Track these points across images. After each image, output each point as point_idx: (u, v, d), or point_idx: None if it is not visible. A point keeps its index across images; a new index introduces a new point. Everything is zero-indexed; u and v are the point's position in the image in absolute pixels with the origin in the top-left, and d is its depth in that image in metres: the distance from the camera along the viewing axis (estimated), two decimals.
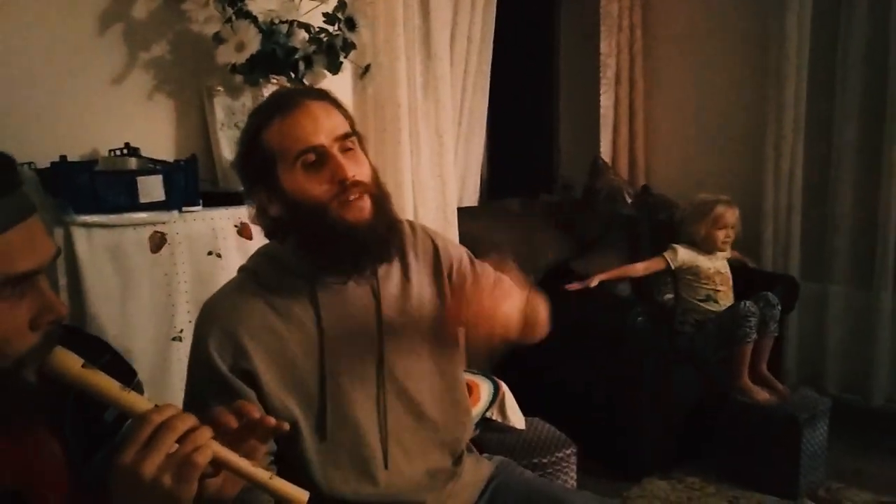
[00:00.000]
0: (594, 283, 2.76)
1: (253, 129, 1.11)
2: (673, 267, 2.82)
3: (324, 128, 1.07)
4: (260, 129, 1.09)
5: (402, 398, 1.18)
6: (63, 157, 1.57)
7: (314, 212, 1.06)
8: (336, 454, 1.12)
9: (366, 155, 1.14)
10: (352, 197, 1.07)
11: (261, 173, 1.09)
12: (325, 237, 1.07)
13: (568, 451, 2.13)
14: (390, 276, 1.20)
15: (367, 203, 1.08)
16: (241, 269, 1.19)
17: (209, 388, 1.05)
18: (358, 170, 1.08)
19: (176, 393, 1.63)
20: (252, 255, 1.21)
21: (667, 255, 2.83)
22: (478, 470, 1.31)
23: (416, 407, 1.19)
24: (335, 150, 1.07)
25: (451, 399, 1.25)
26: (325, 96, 1.13)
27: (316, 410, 1.11)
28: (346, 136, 1.09)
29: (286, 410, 1.08)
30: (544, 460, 2.08)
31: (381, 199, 1.11)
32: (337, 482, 1.12)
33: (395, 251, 1.18)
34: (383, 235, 1.11)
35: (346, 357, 1.14)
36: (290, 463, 1.10)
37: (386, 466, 1.15)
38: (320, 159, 1.07)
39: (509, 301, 1.08)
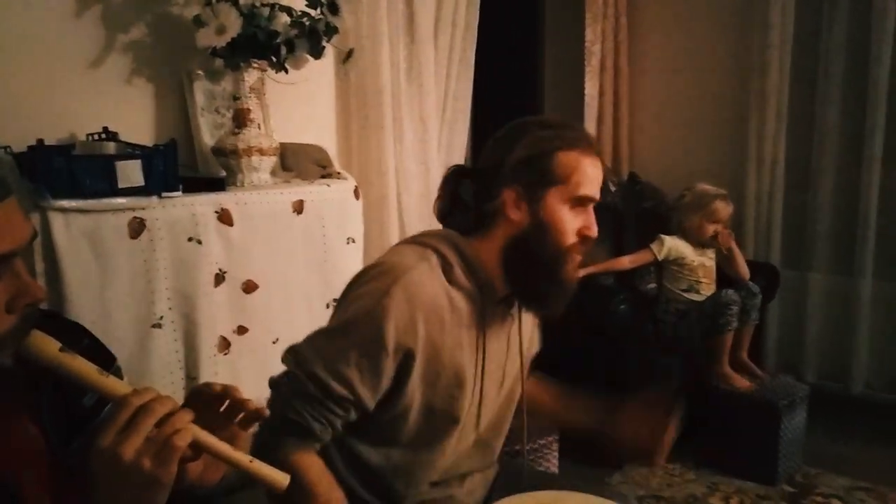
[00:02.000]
0: (581, 273, 2.77)
1: (556, 143, 1.12)
2: (660, 258, 2.83)
3: (598, 182, 1.14)
4: (559, 146, 1.12)
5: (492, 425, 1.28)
6: (40, 141, 1.55)
7: (556, 247, 1.12)
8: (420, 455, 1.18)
9: None
10: (577, 255, 1.14)
11: (534, 180, 1.12)
12: (545, 268, 1.13)
13: (550, 438, 2.15)
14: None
15: (578, 265, 1.17)
16: (428, 246, 1.17)
17: (361, 346, 1.06)
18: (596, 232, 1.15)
19: (155, 380, 1.62)
20: (437, 236, 1.20)
21: (653, 246, 2.84)
22: (487, 472, 1.36)
23: (484, 438, 1.28)
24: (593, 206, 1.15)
25: (505, 430, 1.35)
26: (598, 149, 1.22)
27: (434, 410, 1.15)
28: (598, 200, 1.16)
29: (412, 395, 1.11)
30: (526, 447, 2.09)
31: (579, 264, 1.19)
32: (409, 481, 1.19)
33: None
34: (570, 297, 1.18)
35: (480, 376, 1.19)
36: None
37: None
38: (584, 207, 1.13)
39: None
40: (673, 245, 2.82)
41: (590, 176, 1.12)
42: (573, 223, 1.12)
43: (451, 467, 1.23)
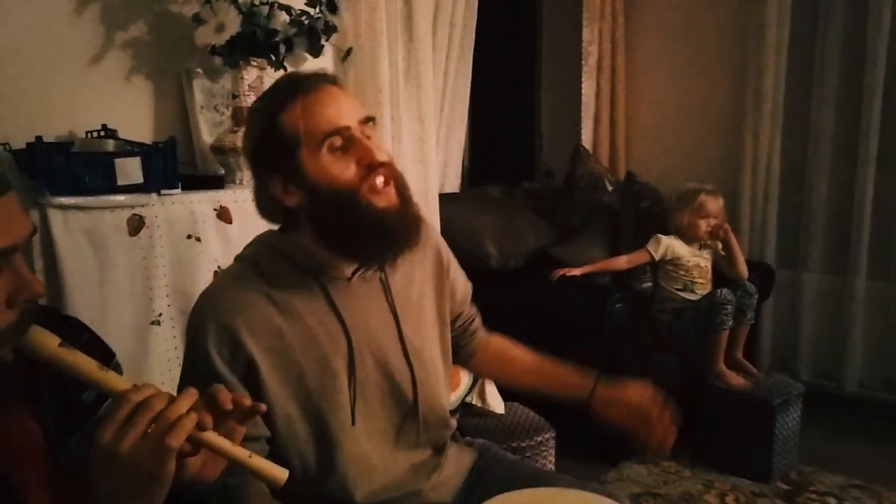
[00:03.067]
0: (577, 272, 2.78)
1: (269, 111, 1.04)
2: (657, 258, 2.84)
3: (348, 110, 1.03)
4: (277, 111, 1.03)
5: (405, 404, 1.16)
6: (39, 138, 1.54)
7: (342, 198, 1.01)
8: (333, 455, 1.10)
9: None
10: (380, 181, 1.03)
11: (279, 159, 1.03)
12: (354, 224, 1.02)
13: (546, 436, 2.16)
14: (396, 269, 1.17)
15: (393, 189, 1.05)
16: (240, 258, 1.13)
17: (205, 384, 0.99)
18: (381, 148, 1.05)
19: (153, 377, 1.62)
20: (251, 244, 1.15)
21: (649, 246, 2.85)
22: (460, 459, 1.31)
23: (414, 413, 1.17)
24: (360, 133, 1.04)
25: (440, 399, 1.24)
26: (335, 79, 1.08)
27: (317, 410, 1.08)
28: (367, 120, 1.06)
29: (285, 412, 1.06)
30: (523, 444, 2.10)
31: (403, 185, 1.08)
32: (331, 483, 1.11)
33: (419, 238, 1.12)
34: (411, 222, 1.08)
35: (357, 363, 1.10)
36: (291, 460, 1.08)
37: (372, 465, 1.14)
38: (346, 143, 1.02)
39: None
40: (669, 244, 2.83)
41: (322, 111, 1.02)
42: (342, 164, 1.02)
43: (390, 453, 1.16)
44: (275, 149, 1.03)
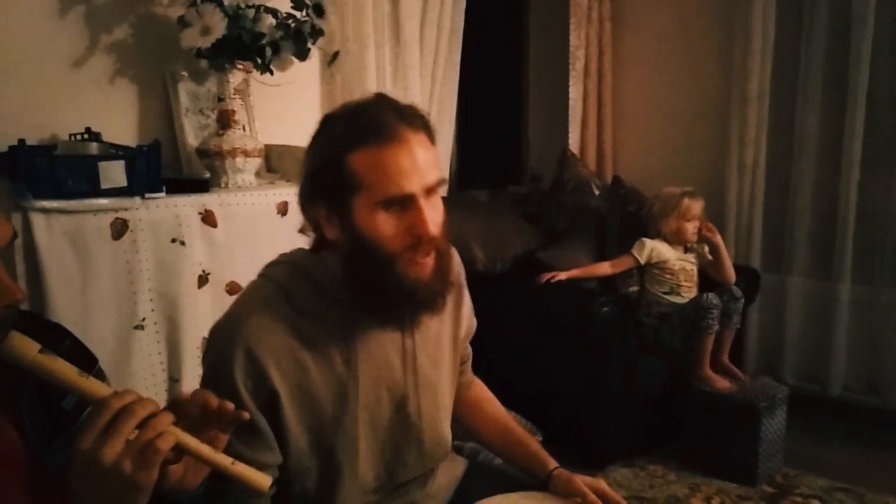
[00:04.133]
0: (563, 277, 2.78)
1: (336, 143, 0.99)
2: (642, 262, 2.84)
3: (419, 171, 0.97)
4: (348, 149, 0.97)
5: (409, 441, 1.16)
6: (21, 141, 1.53)
7: (381, 258, 0.98)
8: (335, 484, 1.09)
9: None
10: (422, 256, 1.00)
11: (332, 193, 0.99)
12: (383, 285, 0.99)
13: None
14: (424, 322, 1.14)
15: (431, 260, 1.01)
16: (270, 278, 1.09)
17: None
18: (436, 221, 1.00)
19: (137, 382, 1.61)
20: (283, 263, 1.11)
21: (634, 251, 2.86)
22: (452, 469, 1.31)
23: (420, 445, 1.17)
24: (423, 199, 0.98)
25: (445, 432, 1.23)
26: (420, 122, 1.02)
27: (327, 444, 1.07)
28: (437, 185, 1.01)
29: (298, 446, 1.05)
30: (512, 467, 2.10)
31: (444, 252, 1.04)
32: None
33: (444, 305, 1.09)
34: (439, 292, 1.04)
35: (371, 399, 1.10)
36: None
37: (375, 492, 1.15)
38: (404, 207, 0.97)
39: None
40: (654, 247, 2.84)
41: (394, 171, 0.95)
42: (393, 227, 0.97)
43: (389, 480, 1.15)
44: (333, 182, 0.98)
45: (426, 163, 0.98)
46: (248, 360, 0.99)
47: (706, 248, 2.86)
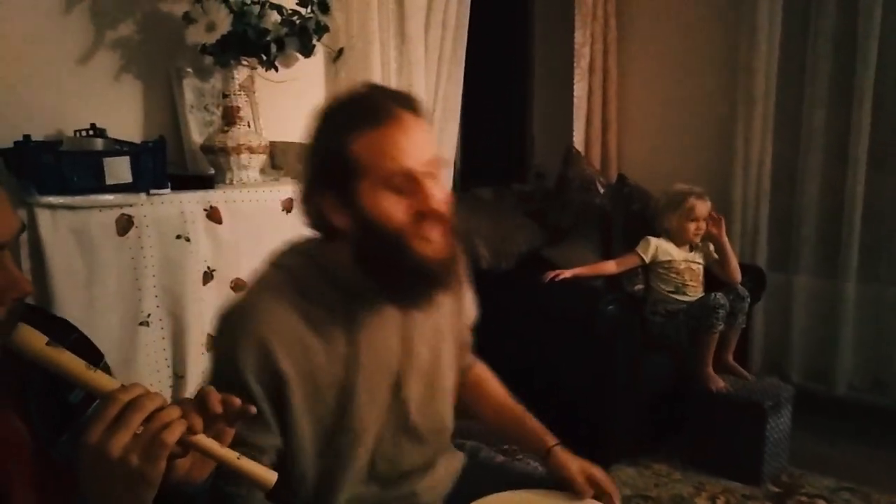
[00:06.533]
0: (568, 275, 2.77)
1: (336, 133, 1.01)
2: (647, 261, 2.83)
3: (417, 148, 1.00)
4: (348, 136, 1.00)
5: (405, 425, 1.16)
6: (27, 137, 1.53)
7: (390, 237, 0.99)
8: (333, 470, 1.10)
9: None
10: (429, 230, 1.01)
11: (337, 181, 1.01)
12: (393, 264, 1.01)
13: None
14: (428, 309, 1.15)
15: (441, 237, 1.03)
16: (278, 266, 1.10)
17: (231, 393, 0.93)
18: (441, 197, 1.02)
19: (142, 378, 1.61)
20: (290, 250, 1.13)
21: (639, 249, 2.84)
22: (451, 463, 1.31)
23: (417, 431, 1.18)
24: (424, 175, 1.00)
25: (443, 417, 1.24)
26: (415, 105, 1.04)
27: (327, 429, 1.08)
28: (437, 160, 1.03)
29: (301, 430, 1.05)
30: (514, 446, 2.09)
31: (453, 229, 1.05)
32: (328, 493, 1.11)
33: (458, 282, 1.11)
34: (450, 268, 1.06)
35: (372, 385, 1.11)
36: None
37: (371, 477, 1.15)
38: (407, 183, 0.99)
39: None
40: (659, 246, 2.83)
41: (393, 149, 0.99)
42: (399, 206, 0.99)
43: (388, 467, 1.16)
44: (336, 170, 1.00)
45: (423, 139, 1.02)
46: (257, 346, 1.00)
47: (712, 247, 2.85)
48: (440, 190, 1.02)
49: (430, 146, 1.03)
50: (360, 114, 1.01)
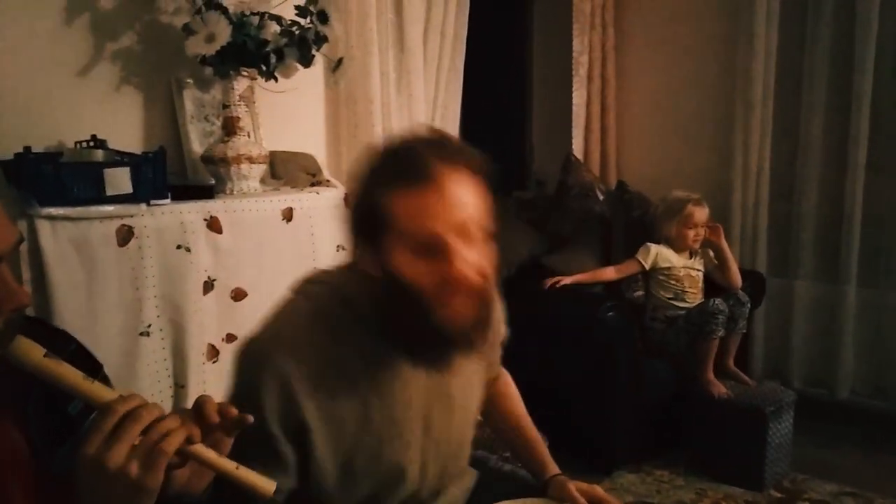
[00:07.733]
0: (568, 282, 2.78)
1: (373, 185, 0.97)
2: (647, 267, 2.84)
3: (453, 210, 0.93)
4: (380, 190, 0.95)
5: (439, 454, 1.16)
6: (27, 149, 1.54)
7: (413, 301, 0.95)
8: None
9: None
10: (453, 297, 0.95)
11: (369, 232, 0.97)
12: (413, 326, 0.97)
13: None
14: None
15: (467, 303, 0.96)
16: (309, 298, 1.07)
17: (251, 439, 0.87)
18: (472, 262, 0.95)
19: (143, 388, 1.61)
20: (321, 284, 1.09)
21: (639, 256, 2.85)
22: (465, 480, 1.31)
23: (444, 461, 1.17)
24: (456, 240, 0.94)
25: (465, 439, 1.23)
26: (463, 159, 0.99)
27: (349, 467, 1.06)
28: (475, 223, 0.96)
29: (324, 469, 1.03)
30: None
31: (487, 295, 1.00)
32: None
33: (479, 350, 1.06)
34: (475, 339, 1.00)
35: (399, 419, 1.08)
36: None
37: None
38: (435, 248, 0.93)
39: None
40: (660, 252, 2.83)
41: (422, 212, 0.93)
42: (425, 271, 0.94)
43: (412, 495, 1.15)
44: (369, 223, 0.97)
45: (463, 202, 0.95)
46: (280, 388, 0.97)
47: (711, 253, 2.86)
48: (475, 253, 0.96)
49: (470, 206, 0.96)
50: (397, 170, 0.96)
